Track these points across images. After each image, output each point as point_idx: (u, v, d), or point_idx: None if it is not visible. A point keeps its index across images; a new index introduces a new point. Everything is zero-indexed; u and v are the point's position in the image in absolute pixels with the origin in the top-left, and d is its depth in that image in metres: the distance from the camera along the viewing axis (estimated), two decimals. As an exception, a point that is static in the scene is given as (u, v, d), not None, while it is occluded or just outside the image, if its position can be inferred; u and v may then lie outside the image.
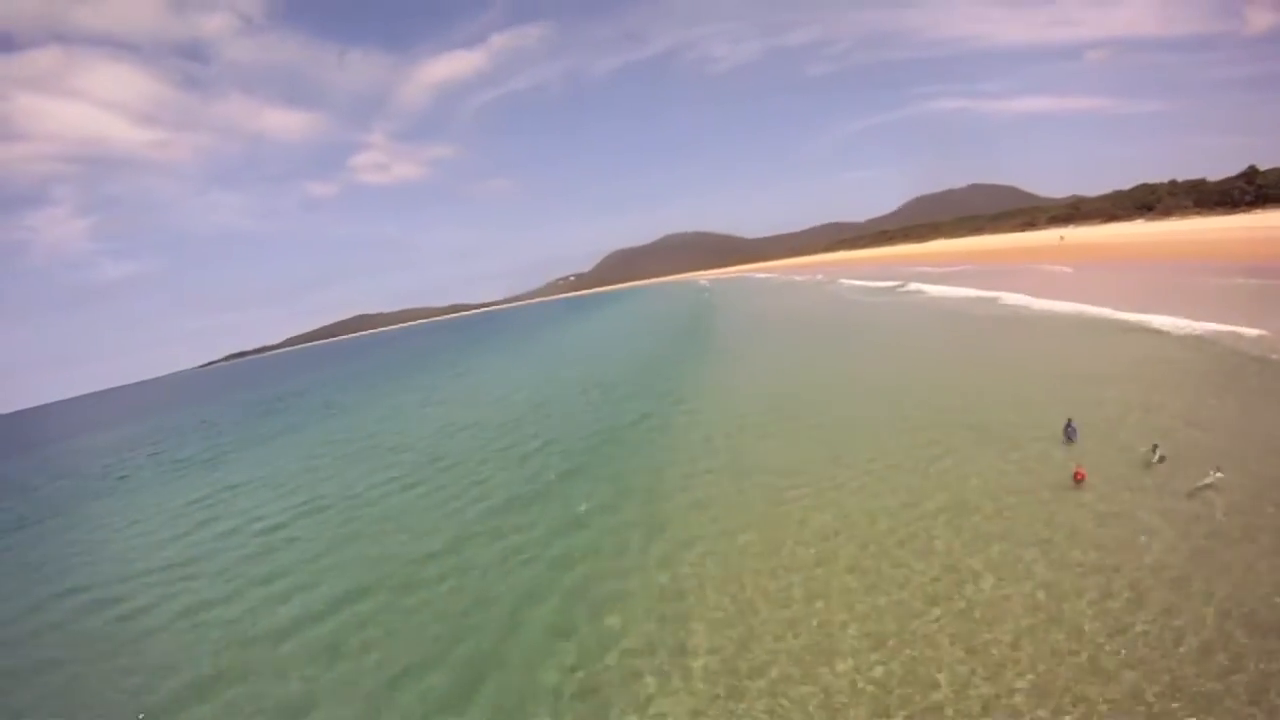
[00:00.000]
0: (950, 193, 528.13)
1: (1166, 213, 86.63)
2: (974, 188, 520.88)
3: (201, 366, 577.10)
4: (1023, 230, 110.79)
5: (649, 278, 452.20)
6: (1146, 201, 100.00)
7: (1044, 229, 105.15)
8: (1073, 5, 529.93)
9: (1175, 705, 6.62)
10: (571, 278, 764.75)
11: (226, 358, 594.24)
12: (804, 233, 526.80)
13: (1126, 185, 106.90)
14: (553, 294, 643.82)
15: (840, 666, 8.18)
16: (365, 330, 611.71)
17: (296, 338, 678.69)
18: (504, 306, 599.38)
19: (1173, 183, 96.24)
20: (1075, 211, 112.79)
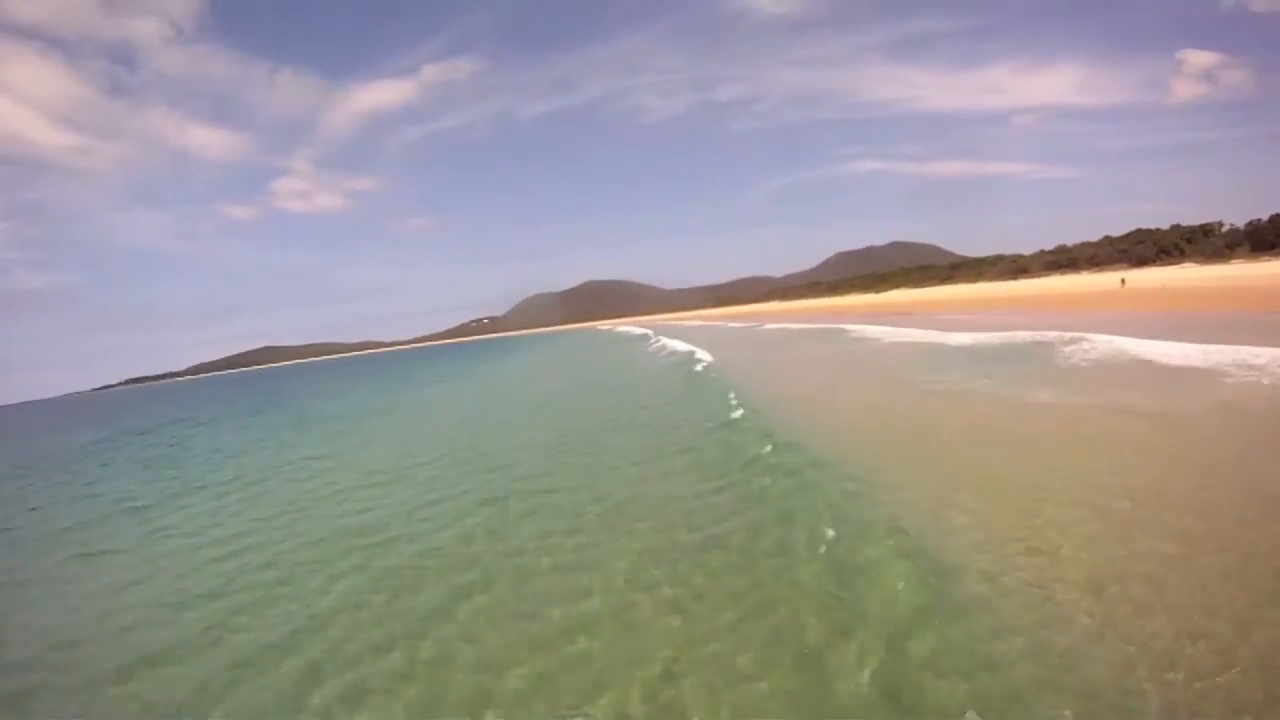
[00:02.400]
0: (872, 249, 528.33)
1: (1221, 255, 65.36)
2: (895, 245, 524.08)
3: (97, 389, 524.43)
4: (1015, 278, 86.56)
5: (566, 324, 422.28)
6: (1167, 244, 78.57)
7: (1042, 275, 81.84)
8: (1003, 73, 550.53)
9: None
10: (485, 320, 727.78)
11: (124, 382, 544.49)
12: (726, 285, 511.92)
13: (1048, 246, 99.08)
14: (463, 336, 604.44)
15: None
16: (272, 363, 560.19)
17: (202, 366, 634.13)
18: (414, 346, 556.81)
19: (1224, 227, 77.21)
20: (1070, 258, 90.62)
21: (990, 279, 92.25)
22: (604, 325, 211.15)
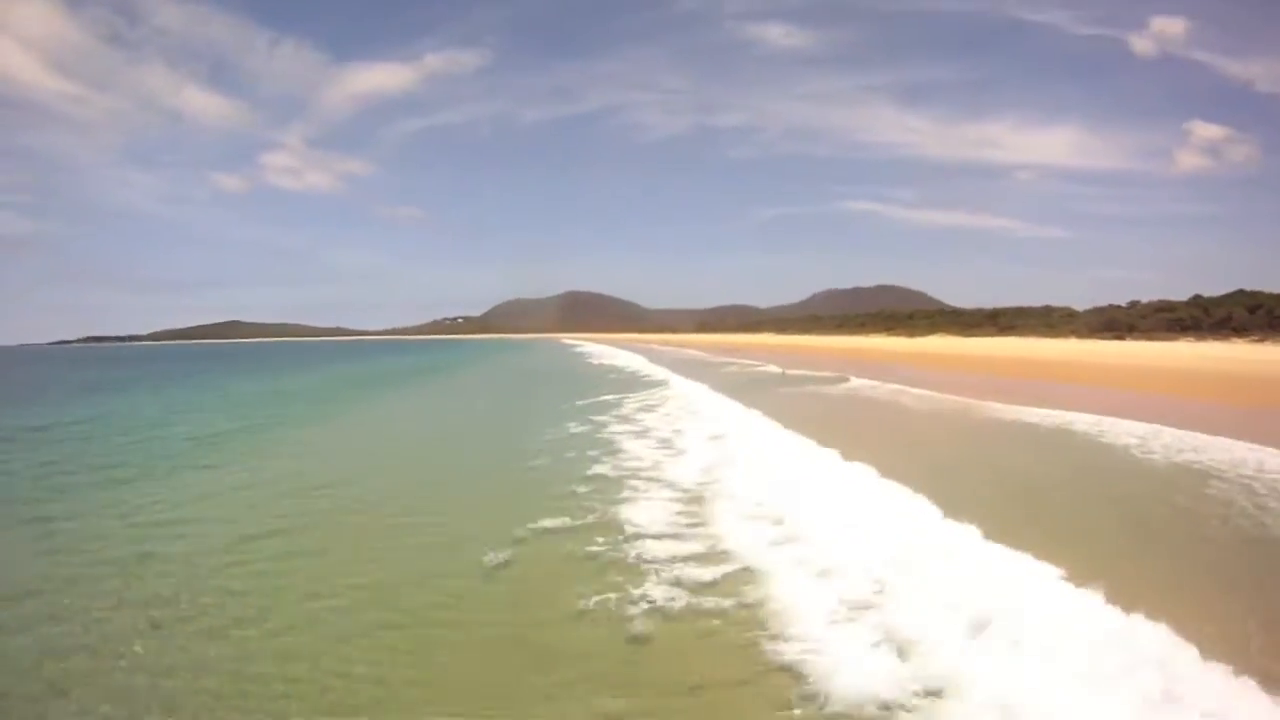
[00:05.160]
0: (859, 290, 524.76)
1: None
2: (883, 288, 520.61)
3: (54, 343, 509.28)
4: (1049, 335, 76.34)
5: (544, 332, 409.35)
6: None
7: (1101, 338, 71.86)
8: (1003, 128, 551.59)
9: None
10: (460, 319, 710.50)
11: (83, 339, 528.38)
12: (708, 310, 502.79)
13: (1036, 303, 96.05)
14: (436, 333, 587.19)
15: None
16: (236, 338, 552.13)
17: (165, 332, 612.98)
18: (383, 338, 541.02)
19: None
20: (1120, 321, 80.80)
21: (1020, 334, 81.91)
22: (582, 341, 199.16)
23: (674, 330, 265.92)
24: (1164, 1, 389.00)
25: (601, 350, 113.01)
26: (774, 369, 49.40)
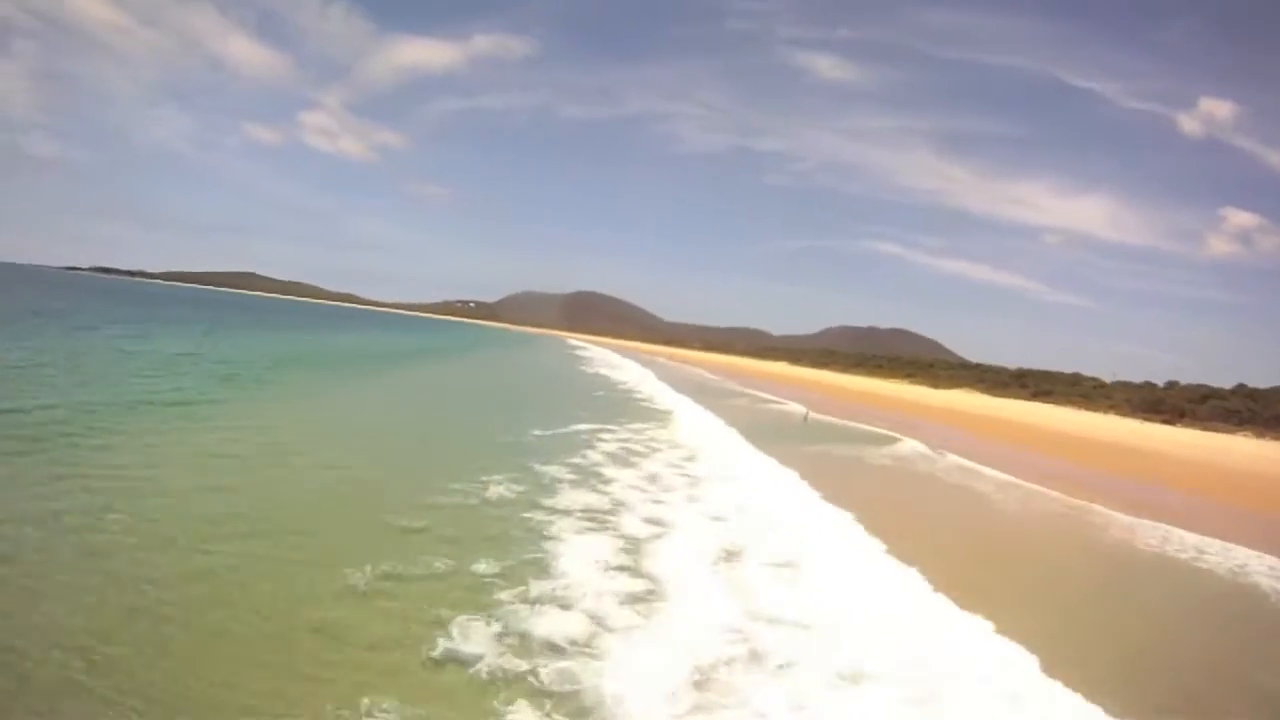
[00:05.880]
0: (875, 331, 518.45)
1: None
2: (897, 332, 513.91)
3: (65, 268, 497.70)
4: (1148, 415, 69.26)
5: (553, 328, 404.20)
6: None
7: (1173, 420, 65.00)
8: (1040, 189, 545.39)
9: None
10: (472, 304, 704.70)
11: (93, 269, 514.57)
12: (721, 330, 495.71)
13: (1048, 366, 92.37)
14: (446, 314, 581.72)
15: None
16: (249, 290, 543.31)
17: (178, 274, 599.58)
18: (391, 310, 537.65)
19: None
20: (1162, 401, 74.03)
21: (1054, 401, 74.97)
22: (586, 344, 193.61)
23: (683, 344, 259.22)
24: (1215, 84, 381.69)
25: (604, 356, 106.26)
26: (795, 407, 42.57)
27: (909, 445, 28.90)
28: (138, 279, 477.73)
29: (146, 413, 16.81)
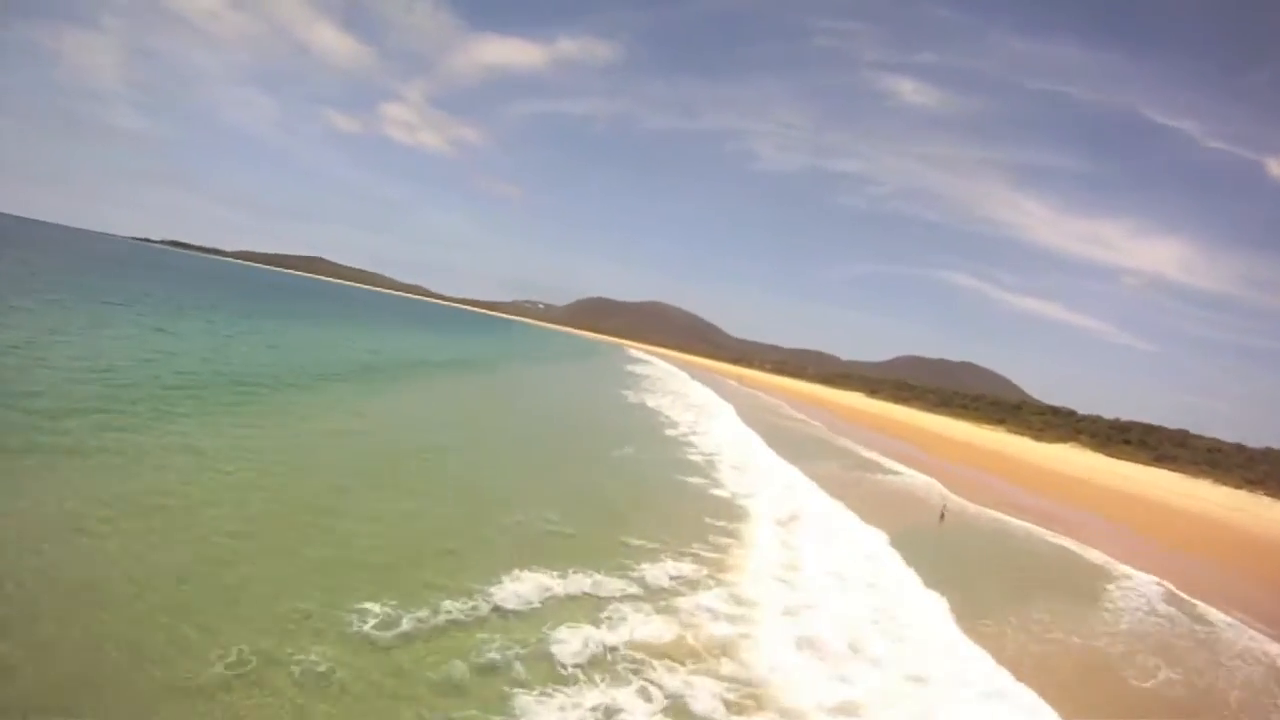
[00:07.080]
0: (944, 363, 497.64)
1: None
2: (967, 365, 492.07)
3: (136, 239, 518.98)
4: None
5: (617, 336, 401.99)
6: None
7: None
8: (1118, 229, 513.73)
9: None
10: (542, 306, 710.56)
11: (165, 241, 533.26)
12: (789, 350, 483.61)
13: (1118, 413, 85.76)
14: (517, 315, 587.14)
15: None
16: (318, 274, 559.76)
17: (250, 254, 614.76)
18: (459, 307, 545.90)
19: None
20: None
21: (1178, 468, 64.81)
22: (651, 356, 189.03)
23: (750, 363, 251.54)
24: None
25: (668, 373, 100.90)
26: (921, 480, 34.75)
27: (1140, 583, 20.04)
28: (211, 256, 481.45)
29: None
